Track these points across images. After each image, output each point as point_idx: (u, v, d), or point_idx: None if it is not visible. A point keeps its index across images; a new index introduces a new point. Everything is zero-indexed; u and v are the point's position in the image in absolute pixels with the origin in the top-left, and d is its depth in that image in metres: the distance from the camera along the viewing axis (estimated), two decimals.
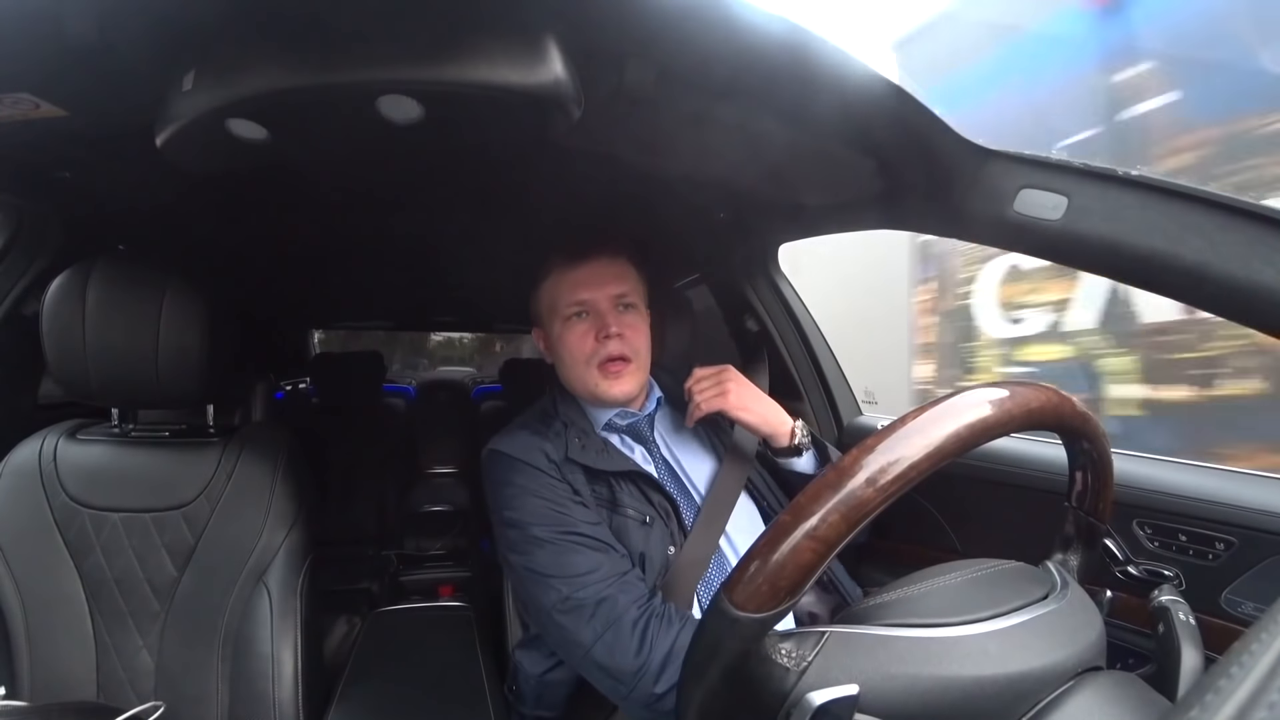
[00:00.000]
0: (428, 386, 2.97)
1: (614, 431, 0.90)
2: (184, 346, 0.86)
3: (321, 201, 1.02)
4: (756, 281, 1.24)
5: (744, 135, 0.69)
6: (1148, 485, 0.77)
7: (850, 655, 0.37)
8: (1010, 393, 0.40)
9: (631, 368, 0.85)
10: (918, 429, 0.35)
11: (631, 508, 0.82)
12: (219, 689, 0.86)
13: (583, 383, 0.86)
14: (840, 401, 1.23)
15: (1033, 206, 0.64)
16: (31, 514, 0.87)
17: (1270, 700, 0.20)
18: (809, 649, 0.37)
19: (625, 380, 0.85)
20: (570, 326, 0.86)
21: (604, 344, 0.84)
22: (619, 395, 0.85)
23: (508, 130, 0.60)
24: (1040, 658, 0.38)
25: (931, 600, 0.41)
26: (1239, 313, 0.57)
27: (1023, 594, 0.42)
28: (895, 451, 0.35)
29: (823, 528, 0.34)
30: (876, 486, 0.34)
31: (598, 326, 0.84)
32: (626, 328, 0.85)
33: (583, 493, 0.81)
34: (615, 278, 0.86)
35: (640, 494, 0.83)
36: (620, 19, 0.52)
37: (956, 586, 0.43)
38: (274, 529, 0.90)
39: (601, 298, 0.85)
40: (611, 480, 0.83)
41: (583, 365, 0.85)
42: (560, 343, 0.87)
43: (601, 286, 0.85)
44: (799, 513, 0.35)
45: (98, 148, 0.74)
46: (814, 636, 0.38)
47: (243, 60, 0.50)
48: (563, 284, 0.86)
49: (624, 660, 0.67)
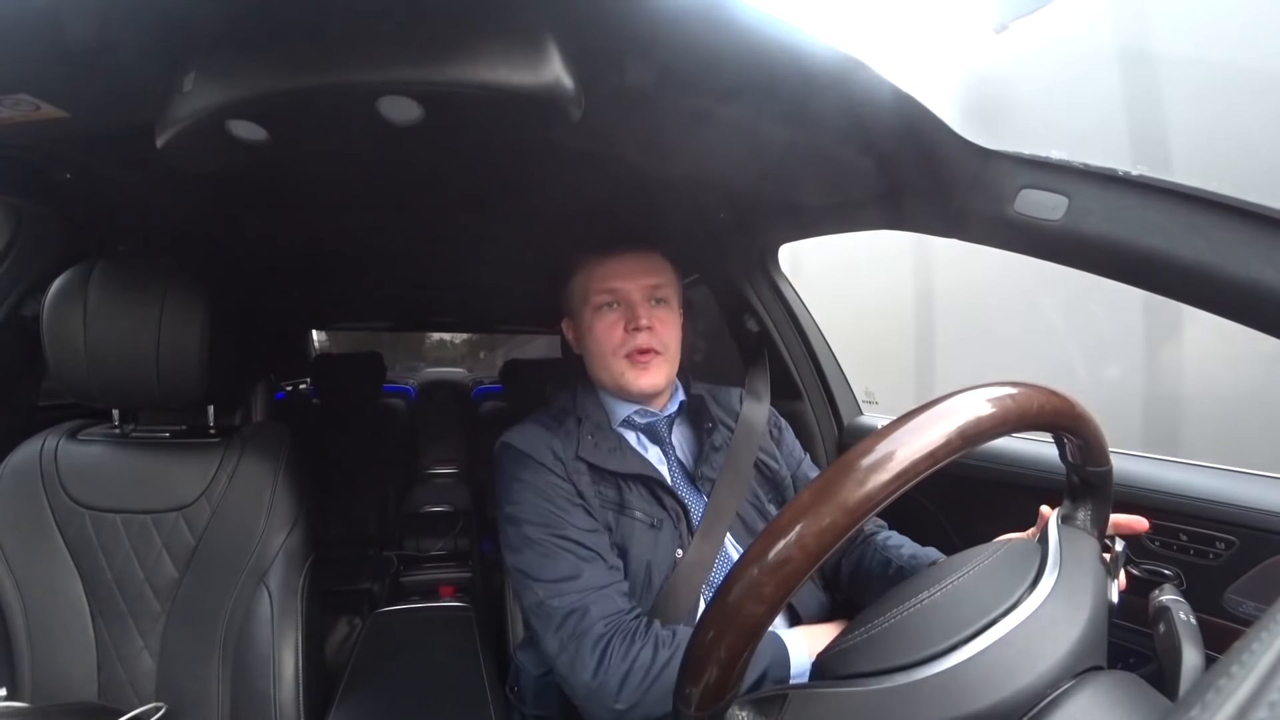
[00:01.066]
0: (428, 387, 2.96)
1: (631, 429, 0.89)
2: (184, 347, 0.86)
3: (321, 201, 1.02)
4: (756, 281, 1.24)
5: (744, 135, 0.69)
6: (1148, 485, 0.77)
7: (812, 716, 0.38)
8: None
9: (660, 359, 0.84)
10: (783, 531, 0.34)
11: (640, 510, 0.81)
12: (219, 690, 0.86)
13: (609, 373, 0.85)
14: (840, 401, 1.23)
15: (1033, 207, 0.64)
16: (32, 515, 0.87)
17: (1270, 699, 0.20)
18: (773, 714, 0.38)
19: (653, 371, 0.83)
20: (600, 316, 0.85)
21: (633, 335, 0.83)
22: (646, 386, 0.84)
23: (508, 131, 0.60)
24: (1011, 682, 0.36)
25: (893, 638, 0.40)
26: (1239, 313, 0.57)
27: (997, 600, 0.40)
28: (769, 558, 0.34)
29: (740, 622, 0.34)
30: (805, 550, 0.33)
31: (628, 317, 0.83)
32: (657, 320, 0.84)
33: (587, 494, 0.80)
34: (648, 270, 0.86)
35: (651, 496, 0.82)
36: (620, 19, 0.52)
37: (924, 611, 0.41)
38: (274, 529, 0.90)
39: (634, 289, 0.84)
40: (620, 481, 0.82)
41: (609, 355, 0.84)
42: (589, 332, 0.86)
43: (634, 278, 0.85)
44: (716, 617, 0.35)
45: (98, 148, 0.74)
46: (778, 700, 0.38)
47: (243, 61, 0.50)
48: (595, 274, 0.86)
49: (582, 675, 0.67)
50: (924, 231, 0.82)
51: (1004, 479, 0.92)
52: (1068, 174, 0.62)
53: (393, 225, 1.19)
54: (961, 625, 0.38)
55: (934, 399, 0.37)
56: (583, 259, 0.88)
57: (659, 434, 0.89)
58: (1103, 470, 0.47)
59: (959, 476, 0.93)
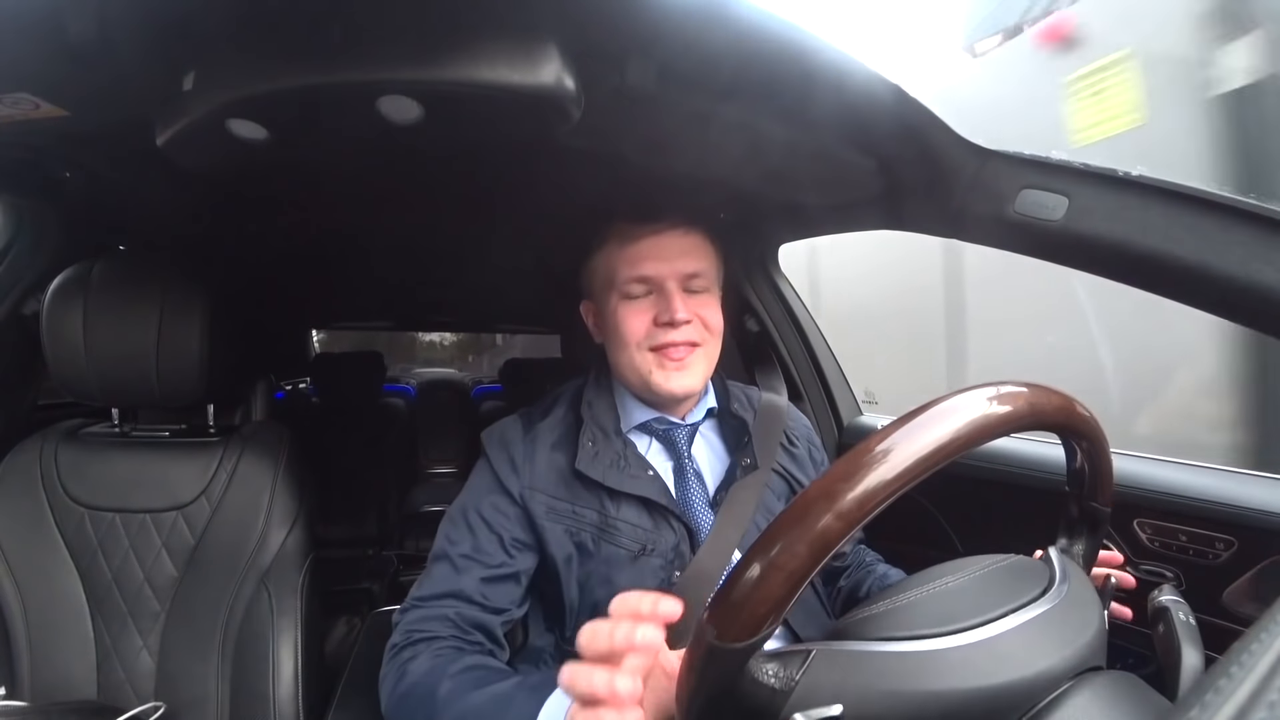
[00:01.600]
0: (428, 386, 2.97)
1: (645, 433, 0.77)
2: (184, 346, 0.86)
3: (321, 201, 1.02)
4: (756, 281, 1.23)
5: (744, 135, 0.69)
6: (1148, 485, 0.77)
7: (836, 672, 0.37)
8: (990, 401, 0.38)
9: (698, 355, 0.73)
10: (883, 456, 0.34)
11: (627, 535, 0.71)
12: (219, 689, 0.86)
13: (634, 369, 0.73)
14: (840, 401, 1.23)
15: (1033, 207, 0.64)
16: (31, 514, 0.87)
17: (1270, 700, 0.20)
18: (795, 668, 0.37)
19: (688, 371, 0.72)
20: (627, 304, 0.73)
21: (664, 330, 0.71)
22: (677, 389, 0.72)
23: (508, 130, 0.60)
24: (1029, 665, 0.37)
25: (918, 610, 0.41)
26: (1239, 313, 0.57)
27: (1015, 595, 0.41)
28: (865, 482, 0.34)
29: (788, 559, 0.34)
30: (844, 519, 0.33)
31: (659, 308, 0.71)
32: (696, 309, 0.72)
33: (537, 516, 0.70)
34: (687, 253, 0.73)
35: (646, 517, 0.72)
36: (621, 19, 0.52)
37: (945, 593, 0.42)
38: (274, 529, 0.90)
39: (669, 274, 0.72)
40: (610, 499, 0.71)
41: (634, 349, 0.72)
42: (613, 318, 0.73)
43: (670, 261, 0.72)
44: (765, 546, 0.35)
45: (98, 148, 0.74)
46: (800, 655, 0.38)
47: (243, 60, 0.50)
48: (623, 254, 0.73)
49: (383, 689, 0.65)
50: (924, 231, 0.82)
51: (1004, 479, 0.92)
52: (1068, 174, 0.62)
53: (393, 225, 1.19)
54: (985, 608, 0.39)
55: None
56: (608, 233, 0.76)
57: (676, 445, 0.77)
58: (1104, 510, 0.49)
59: (959, 476, 0.93)
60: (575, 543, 0.71)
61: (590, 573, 0.71)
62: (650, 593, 0.43)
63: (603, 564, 0.70)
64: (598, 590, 0.70)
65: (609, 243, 0.75)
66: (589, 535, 0.71)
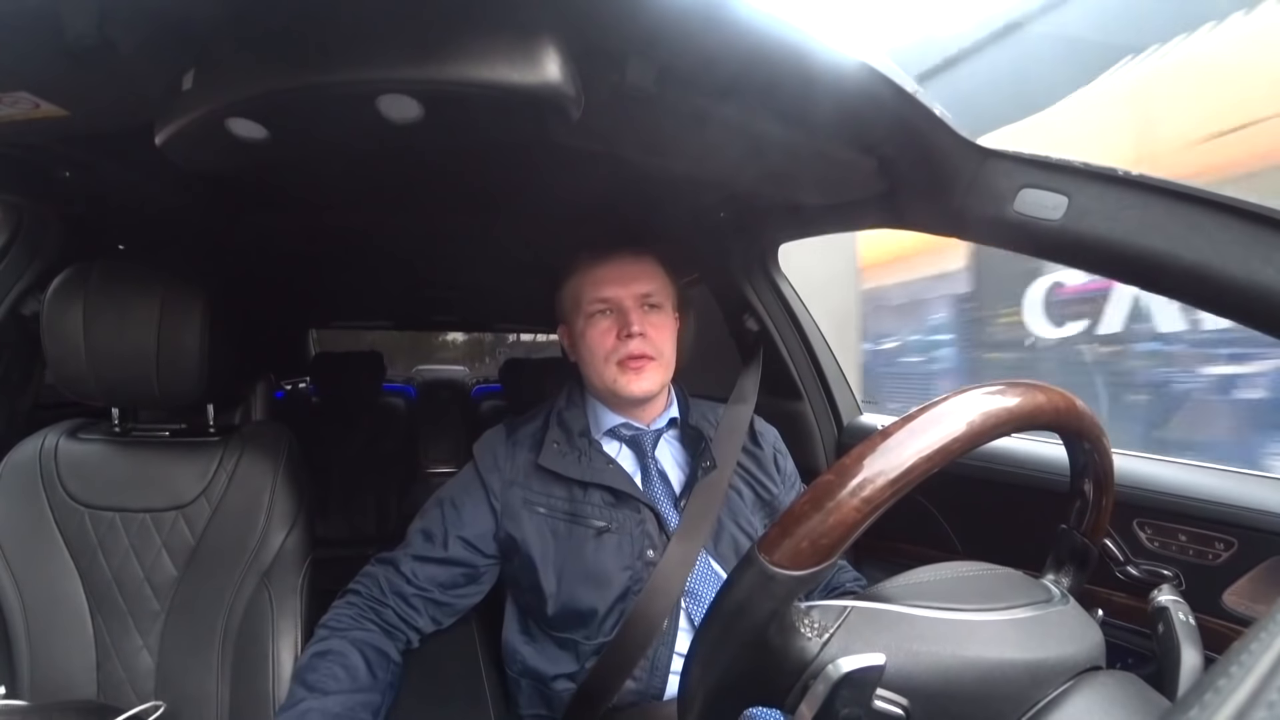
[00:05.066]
0: (428, 386, 2.97)
1: (615, 439, 0.89)
2: (183, 346, 0.86)
3: (322, 201, 1.02)
4: (756, 281, 1.24)
5: (744, 135, 0.69)
6: (1148, 485, 0.77)
7: (873, 630, 0.38)
8: (1032, 390, 0.41)
9: (654, 365, 0.84)
10: (954, 411, 0.37)
11: (594, 518, 0.81)
12: (219, 689, 0.86)
13: (601, 379, 0.86)
14: (840, 401, 1.23)
15: (1033, 206, 0.64)
16: (31, 513, 0.87)
17: (1269, 700, 0.20)
18: (832, 621, 0.38)
19: (645, 377, 0.84)
20: (593, 323, 0.86)
21: (625, 343, 0.83)
22: (637, 392, 0.84)
23: (508, 130, 0.60)
24: (1054, 649, 0.39)
25: (948, 588, 0.43)
26: (1239, 313, 0.57)
27: (1029, 594, 0.43)
28: (934, 431, 0.36)
29: (868, 489, 0.34)
30: (922, 455, 0.35)
31: (620, 324, 0.84)
32: (650, 327, 0.85)
33: (514, 506, 0.83)
34: (640, 276, 0.86)
35: (611, 502, 0.83)
36: (621, 19, 0.52)
37: (970, 579, 0.44)
38: (274, 529, 0.90)
39: (626, 295, 0.85)
40: (575, 488, 0.83)
41: (602, 361, 0.85)
42: (582, 338, 0.87)
43: (626, 284, 0.85)
44: (843, 473, 0.35)
45: (98, 147, 0.74)
46: (836, 610, 0.38)
47: (242, 60, 0.50)
48: (587, 281, 0.86)
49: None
50: (924, 231, 0.82)
51: (1004, 479, 0.92)
52: (1067, 174, 0.62)
53: (392, 224, 1.19)
54: (1013, 596, 0.42)
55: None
56: (574, 265, 0.89)
57: (642, 447, 0.88)
58: (1094, 549, 0.51)
59: (959, 476, 0.93)
60: (550, 531, 0.82)
61: (565, 557, 0.81)
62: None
63: (575, 545, 0.81)
64: (571, 570, 0.80)
65: (575, 273, 0.89)
66: (561, 522, 0.82)
